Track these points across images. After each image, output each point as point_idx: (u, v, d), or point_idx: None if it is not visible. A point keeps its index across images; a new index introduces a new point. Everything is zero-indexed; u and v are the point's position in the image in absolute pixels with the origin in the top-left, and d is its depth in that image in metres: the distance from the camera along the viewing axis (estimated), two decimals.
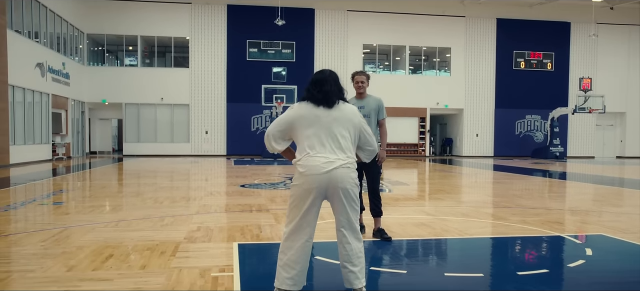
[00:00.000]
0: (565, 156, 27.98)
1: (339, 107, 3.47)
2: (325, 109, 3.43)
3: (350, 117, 3.48)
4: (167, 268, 4.32)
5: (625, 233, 6.07)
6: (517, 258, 5.11)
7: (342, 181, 3.34)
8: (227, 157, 25.73)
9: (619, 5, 27.82)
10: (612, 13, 28.45)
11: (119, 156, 25.82)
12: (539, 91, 28.76)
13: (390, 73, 28.72)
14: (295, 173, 3.45)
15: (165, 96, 26.22)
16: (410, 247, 5.38)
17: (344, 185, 3.35)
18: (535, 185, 12.65)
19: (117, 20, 25.74)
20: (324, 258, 4.76)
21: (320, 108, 3.43)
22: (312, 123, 3.41)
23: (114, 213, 7.34)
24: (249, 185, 11.55)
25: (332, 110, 3.44)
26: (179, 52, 27.11)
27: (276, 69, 26.54)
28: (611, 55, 29.53)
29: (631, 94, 29.79)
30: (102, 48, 27.37)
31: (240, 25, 26.25)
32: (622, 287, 4.03)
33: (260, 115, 26.57)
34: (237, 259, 4.69)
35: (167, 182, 12.51)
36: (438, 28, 27.96)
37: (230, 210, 7.70)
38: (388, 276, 4.33)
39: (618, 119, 30.35)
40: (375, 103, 5.57)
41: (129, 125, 26.38)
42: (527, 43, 28.68)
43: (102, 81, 25.99)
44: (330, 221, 6.59)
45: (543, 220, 6.94)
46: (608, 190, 11.49)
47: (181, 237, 5.61)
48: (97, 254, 4.79)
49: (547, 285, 4.03)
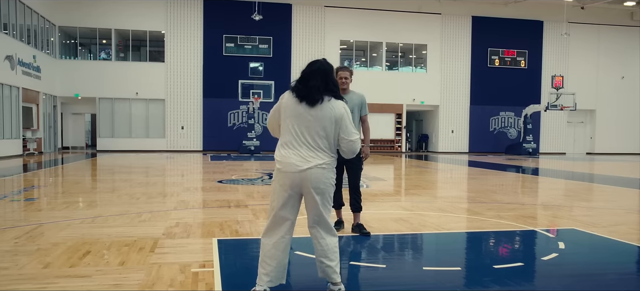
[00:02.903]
0: (538, 152, 28.56)
1: (322, 106, 3.32)
2: (306, 106, 3.32)
3: (331, 114, 3.32)
4: (146, 264, 4.29)
5: (595, 227, 6.25)
6: (492, 252, 5.22)
7: (316, 181, 3.30)
8: (204, 152, 25.52)
9: (590, 5, 28.47)
10: (583, 13, 29.11)
11: (92, 151, 25.37)
12: (512, 88, 29.27)
13: (367, 70, 28.86)
14: (274, 169, 3.43)
15: (140, 91, 25.85)
16: (388, 242, 5.45)
17: (317, 184, 3.30)
18: (509, 180, 12.89)
19: (91, 13, 25.24)
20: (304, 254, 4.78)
21: (302, 104, 3.34)
22: (294, 117, 3.35)
23: (89, 210, 7.23)
24: (227, 180, 11.50)
25: (314, 109, 3.31)
26: (154, 46, 26.74)
27: (253, 64, 26.41)
28: (582, 53, 30.23)
29: (601, 92, 30.54)
30: (75, 41, 26.81)
31: (217, 20, 26.03)
32: (593, 279, 4.16)
33: (237, 111, 26.41)
34: (217, 254, 4.68)
35: (143, 177, 12.36)
36: (414, 25, 28.19)
37: (208, 206, 7.66)
38: (367, 270, 4.37)
39: (588, 116, 31.10)
40: (359, 100, 5.61)
41: (103, 120, 25.94)
42: (502, 41, 29.15)
43: (75, 75, 25.47)
44: None
45: (517, 215, 7.09)
46: (579, 186, 11.78)
47: (159, 233, 5.57)
48: (73, 251, 4.72)
49: (522, 278, 4.13)
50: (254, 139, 24.58)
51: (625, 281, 4.14)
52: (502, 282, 3.98)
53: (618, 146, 30.80)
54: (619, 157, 26.79)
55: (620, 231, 6.09)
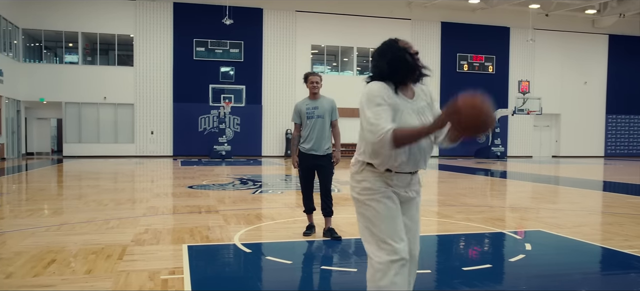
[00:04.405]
0: (506, 155, 29.14)
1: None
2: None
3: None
4: (114, 272, 4.20)
5: (561, 229, 6.41)
6: (462, 255, 5.30)
7: None
8: (174, 157, 25.18)
9: (554, 13, 29.25)
10: (548, 20, 29.88)
11: (58, 157, 24.73)
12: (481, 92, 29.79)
13: (338, 74, 28.97)
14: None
15: (109, 95, 25.35)
16: (360, 246, 5.46)
17: None
18: (478, 183, 13.12)
19: (56, 15, 24.65)
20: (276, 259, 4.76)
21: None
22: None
23: (54, 217, 7.04)
24: (197, 186, 11.37)
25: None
26: (122, 50, 26.26)
27: (224, 68, 26.20)
28: (547, 59, 31.03)
29: (565, 97, 31.39)
30: (40, 44, 26.13)
31: (187, 24, 25.75)
32: (559, 279, 4.27)
33: (208, 115, 26.15)
34: (187, 261, 4.62)
35: (111, 183, 12.12)
36: (385, 30, 28.40)
37: (178, 212, 7.56)
38: (339, 274, 4.39)
39: (553, 120, 31.92)
40: (329, 104, 5.68)
41: (70, 125, 25.33)
42: (470, 46, 29.68)
43: (40, 79, 24.82)
44: (281, 222, 6.60)
45: (486, 218, 7.22)
46: (545, 188, 12.07)
47: (128, 240, 5.47)
48: (38, 259, 4.59)
49: (490, 280, 4.21)
50: (225, 144, 24.39)
51: (590, 281, 4.26)
52: (471, 284, 4.04)
53: (581, 149, 31.70)
54: (583, 160, 27.56)
55: (584, 232, 6.27)
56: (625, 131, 32.56)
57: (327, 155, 5.63)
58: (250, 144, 26.40)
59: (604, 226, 6.85)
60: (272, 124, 26.88)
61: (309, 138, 5.58)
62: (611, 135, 32.38)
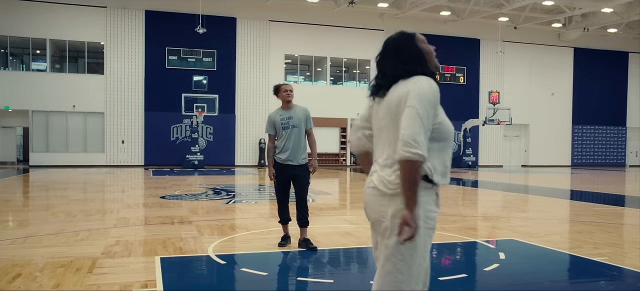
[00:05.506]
0: (477, 165, 29.58)
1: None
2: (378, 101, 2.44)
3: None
4: (83, 286, 4.08)
5: (532, 237, 6.52)
6: (437, 264, 5.32)
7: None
8: (145, 167, 24.75)
9: (522, 26, 29.96)
10: (516, 32, 30.59)
11: (24, 167, 24.03)
12: (452, 103, 30.19)
13: (312, 84, 29.01)
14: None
15: (78, 103, 24.80)
16: (335, 256, 5.45)
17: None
18: (451, 193, 13.27)
19: (23, 21, 24.04)
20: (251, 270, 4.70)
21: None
22: None
23: (20, 229, 6.82)
24: (170, 196, 11.18)
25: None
26: (92, 58, 25.76)
27: (197, 77, 25.95)
28: (516, 71, 31.73)
29: (533, 107, 32.12)
30: (5, 51, 25.42)
31: (159, 32, 25.44)
32: (533, 287, 4.32)
33: (180, 125, 25.82)
34: (160, 273, 4.52)
35: (80, 194, 11.82)
36: (358, 40, 28.66)
37: (150, 223, 7.41)
38: (314, 285, 4.35)
39: (523, 131, 32.60)
40: (303, 113, 5.67)
41: (37, 134, 24.66)
42: (442, 57, 29.75)
43: (5, 86, 24.12)
44: (256, 233, 6.53)
45: (459, 227, 7.29)
46: (515, 197, 12.29)
47: (98, 252, 5.32)
48: (1, 274, 4.42)
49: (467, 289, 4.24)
50: (197, 153, 24.10)
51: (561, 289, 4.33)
52: None
53: (549, 159, 32.44)
54: (551, 169, 28.19)
55: (554, 240, 6.39)
56: (591, 141, 33.51)
57: (303, 165, 5.60)
58: (224, 153, 26.16)
59: (573, 234, 7.00)
60: (245, 133, 26.72)
61: (284, 148, 5.55)
62: (577, 145, 33.26)
